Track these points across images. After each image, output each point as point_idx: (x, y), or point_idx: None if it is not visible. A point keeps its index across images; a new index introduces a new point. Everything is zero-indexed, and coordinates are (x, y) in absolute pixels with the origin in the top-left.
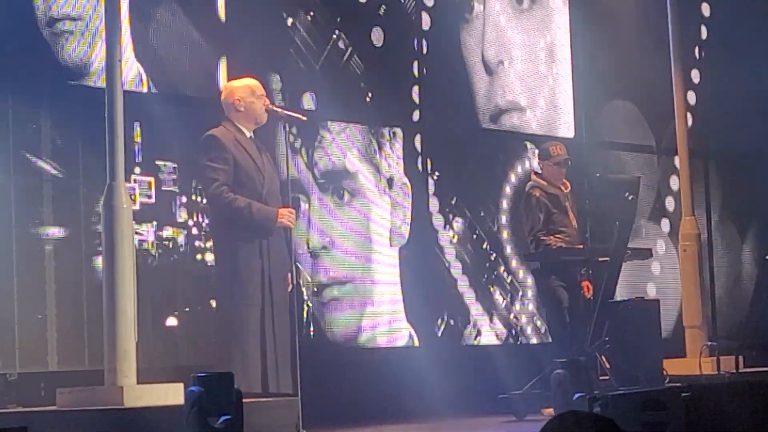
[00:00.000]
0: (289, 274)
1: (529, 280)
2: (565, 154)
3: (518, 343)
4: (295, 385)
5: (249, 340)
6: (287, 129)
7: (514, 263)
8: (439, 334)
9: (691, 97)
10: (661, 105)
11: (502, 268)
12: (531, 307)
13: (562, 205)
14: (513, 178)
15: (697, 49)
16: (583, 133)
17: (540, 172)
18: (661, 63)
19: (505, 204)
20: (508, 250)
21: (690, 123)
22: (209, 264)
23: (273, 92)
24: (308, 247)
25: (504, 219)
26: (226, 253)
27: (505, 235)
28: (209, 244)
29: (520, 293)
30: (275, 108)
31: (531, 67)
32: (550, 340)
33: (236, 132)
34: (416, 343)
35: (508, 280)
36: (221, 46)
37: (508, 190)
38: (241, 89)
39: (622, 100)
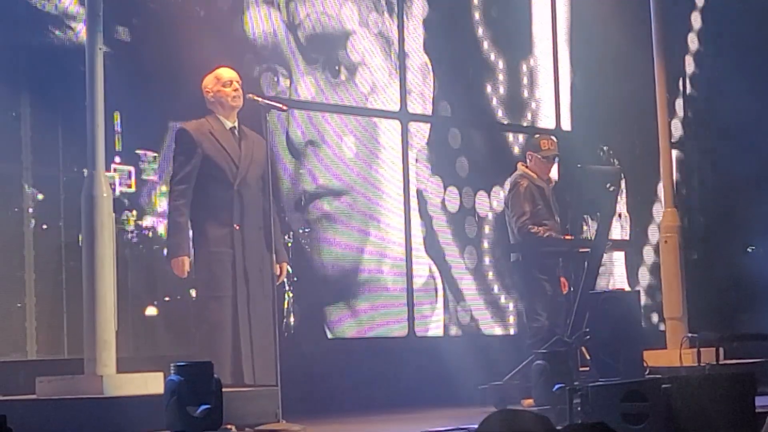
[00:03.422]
0: (278, 266)
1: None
2: (555, 150)
3: (496, 334)
4: (275, 376)
5: (220, 331)
6: None
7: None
8: (420, 325)
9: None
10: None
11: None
12: (510, 296)
13: (547, 198)
14: None
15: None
16: (577, 126)
17: (527, 163)
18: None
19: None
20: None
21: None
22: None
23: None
24: (287, 143)
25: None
26: (198, 243)
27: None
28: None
29: (500, 282)
30: (255, 97)
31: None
32: (528, 331)
33: (214, 123)
34: (399, 333)
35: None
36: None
37: None
38: (209, 80)
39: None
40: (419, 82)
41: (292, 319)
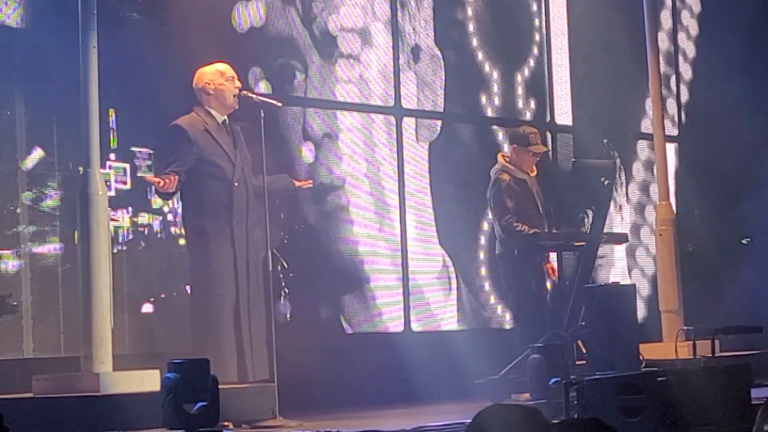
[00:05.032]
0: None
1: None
2: (543, 147)
3: (491, 328)
4: (271, 372)
5: (223, 330)
6: None
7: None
8: (416, 320)
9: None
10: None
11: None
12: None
13: (530, 191)
14: None
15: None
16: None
17: (509, 155)
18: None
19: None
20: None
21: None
22: (184, 250)
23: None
24: (302, 136)
25: None
26: (197, 241)
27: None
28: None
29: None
30: (250, 94)
31: None
32: (517, 326)
33: (207, 118)
34: (396, 328)
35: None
36: None
37: None
38: (210, 73)
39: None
40: (429, 77)
41: (288, 315)
